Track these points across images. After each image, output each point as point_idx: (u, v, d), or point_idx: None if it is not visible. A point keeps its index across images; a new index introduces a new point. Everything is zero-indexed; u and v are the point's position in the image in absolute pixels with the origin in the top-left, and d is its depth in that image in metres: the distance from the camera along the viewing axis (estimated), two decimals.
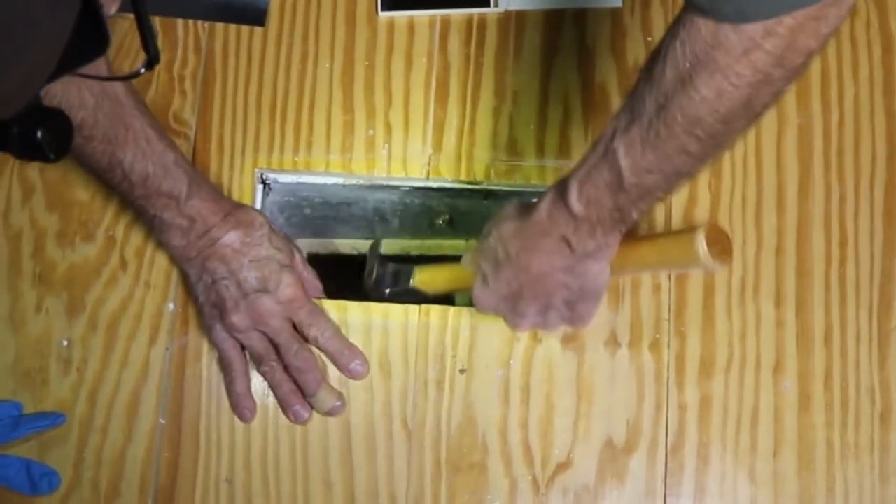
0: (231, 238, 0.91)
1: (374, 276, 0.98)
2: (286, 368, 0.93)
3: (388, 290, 0.98)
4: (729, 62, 0.62)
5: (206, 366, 0.96)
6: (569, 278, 0.82)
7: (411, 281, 0.96)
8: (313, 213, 1.12)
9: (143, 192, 0.89)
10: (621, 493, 0.92)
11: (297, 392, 0.93)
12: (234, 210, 0.93)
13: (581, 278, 0.82)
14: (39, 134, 0.51)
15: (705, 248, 0.76)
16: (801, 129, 0.99)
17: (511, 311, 0.87)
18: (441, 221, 1.13)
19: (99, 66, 0.63)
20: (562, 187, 0.77)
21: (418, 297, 0.97)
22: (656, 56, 0.67)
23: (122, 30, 0.96)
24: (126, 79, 0.59)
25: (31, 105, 0.48)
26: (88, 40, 0.46)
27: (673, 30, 0.65)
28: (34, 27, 0.42)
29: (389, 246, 1.21)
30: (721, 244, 0.79)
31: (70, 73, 0.47)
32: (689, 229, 0.81)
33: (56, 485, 0.93)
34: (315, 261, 1.02)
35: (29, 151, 0.52)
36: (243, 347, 0.93)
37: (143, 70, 0.55)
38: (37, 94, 0.48)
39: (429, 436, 0.93)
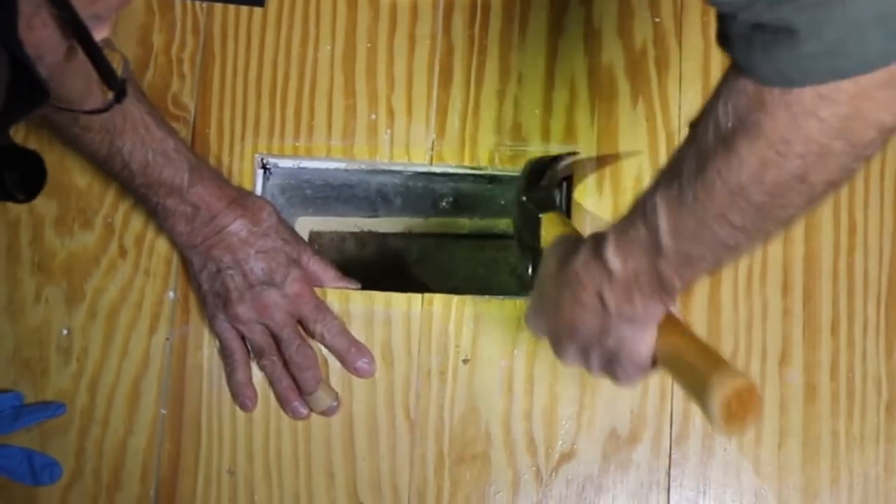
0: (238, 226, 0.90)
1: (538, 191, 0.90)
2: (286, 364, 0.92)
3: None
4: (775, 127, 0.54)
5: (207, 355, 0.95)
6: (604, 338, 0.73)
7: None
8: (314, 194, 1.10)
9: (145, 181, 0.88)
10: (625, 483, 0.92)
11: (297, 388, 0.92)
12: (239, 197, 0.92)
13: (617, 342, 0.72)
14: (6, 176, 0.50)
15: (717, 407, 0.63)
16: None
17: (553, 344, 0.79)
18: (444, 203, 1.12)
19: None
20: (599, 238, 0.70)
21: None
22: (704, 109, 0.60)
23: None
24: (96, 112, 0.57)
25: None
26: (28, 92, 0.45)
27: (721, 82, 0.58)
28: None
29: (392, 224, 1.20)
30: (743, 401, 0.63)
31: (18, 122, 0.46)
32: (709, 367, 0.66)
33: (58, 475, 0.93)
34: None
35: None
36: (244, 338, 0.92)
37: (112, 102, 0.53)
38: (5, 135, 0.47)
39: (432, 426, 0.93)
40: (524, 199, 0.90)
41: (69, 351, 0.95)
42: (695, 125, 0.61)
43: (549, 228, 0.85)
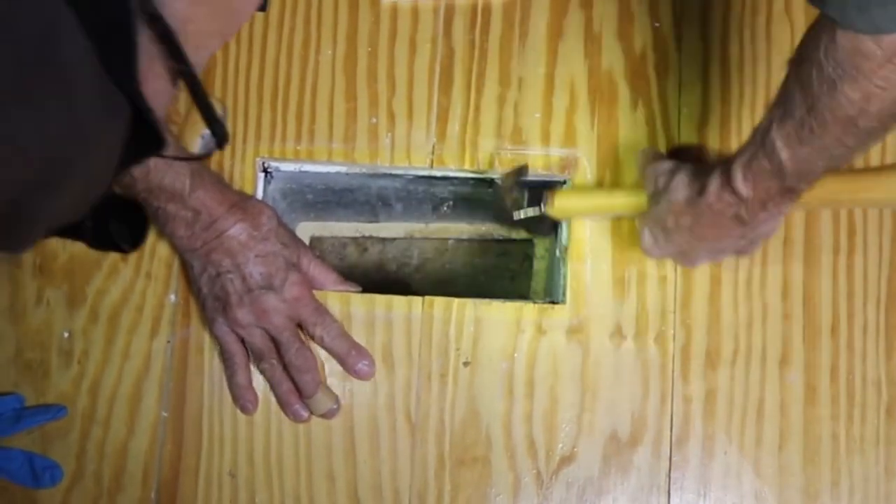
0: (237, 230, 0.90)
1: (511, 197, 0.96)
2: (286, 367, 0.92)
3: (519, 214, 0.96)
4: (873, 68, 0.63)
5: (208, 358, 0.95)
6: (743, 237, 0.84)
7: (543, 207, 0.94)
8: (315, 199, 1.11)
9: (146, 186, 0.88)
10: (626, 486, 0.92)
11: (297, 391, 0.92)
12: (239, 201, 0.92)
13: (754, 232, 0.83)
14: (112, 226, 0.51)
15: None
16: None
17: (683, 259, 0.90)
18: (445, 208, 1.12)
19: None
20: (727, 172, 0.79)
21: (545, 225, 0.97)
22: (802, 54, 0.69)
23: None
24: (197, 159, 0.58)
25: (103, 198, 0.47)
26: (146, 140, 0.45)
27: (815, 33, 0.66)
28: (86, 143, 0.41)
29: (393, 229, 1.20)
30: None
31: (131, 168, 0.46)
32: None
33: (58, 478, 0.93)
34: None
35: (103, 243, 0.51)
36: (244, 342, 0.93)
37: (215, 149, 0.53)
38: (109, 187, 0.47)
39: (432, 429, 0.93)
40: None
41: (70, 353, 0.95)
42: (797, 66, 0.70)
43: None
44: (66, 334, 0.95)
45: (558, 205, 0.93)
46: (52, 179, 0.41)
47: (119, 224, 0.52)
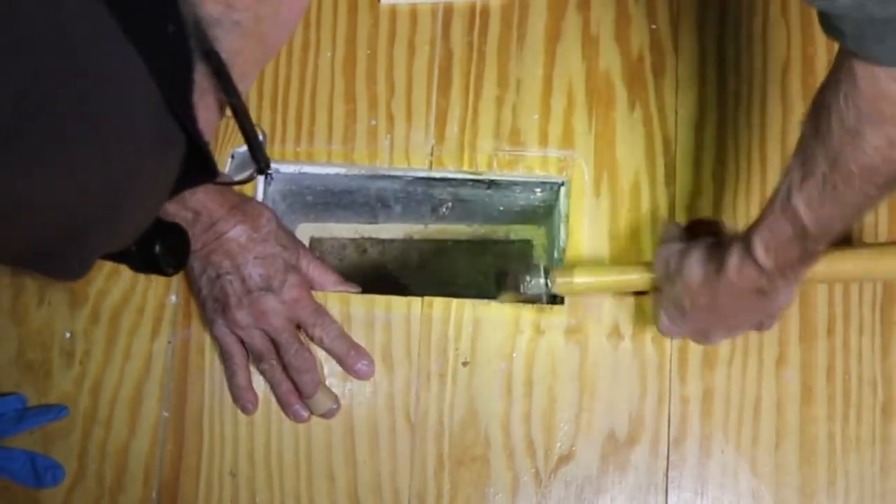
0: (237, 232, 0.90)
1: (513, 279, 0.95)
2: (285, 368, 0.93)
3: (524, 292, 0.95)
4: (895, 112, 0.62)
5: (209, 359, 0.95)
6: (762, 310, 0.84)
7: (550, 285, 0.93)
8: (315, 200, 1.11)
9: None
10: (623, 485, 0.93)
11: (297, 392, 0.93)
12: (239, 203, 0.92)
13: (773, 304, 0.83)
14: (157, 249, 0.52)
15: None
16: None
17: (700, 338, 0.89)
18: (444, 209, 1.13)
19: None
20: (746, 245, 0.77)
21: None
22: (820, 107, 0.67)
23: None
24: (238, 184, 0.60)
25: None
26: (197, 172, 0.46)
27: (833, 78, 0.65)
28: (145, 177, 0.43)
29: (392, 230, 1.21)
30: None
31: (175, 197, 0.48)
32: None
33: (60, 478, 0.93)
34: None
35: (147, 267, 0.53)
36: (244, 342, 0.93)
37: (255, 175, 0.55)
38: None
39: (431, 429, 0.94)
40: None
41: (72, 354, 0.96)
42: (813, 123, 0.68)
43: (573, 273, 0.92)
44: (67, 335, 0.96)
45: (562, 286, 0.92)
46: (111, 214, 0.42)
47: (163, 247, 0.53)
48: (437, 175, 1.01)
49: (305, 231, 1.19)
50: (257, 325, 0.91)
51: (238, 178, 0.58)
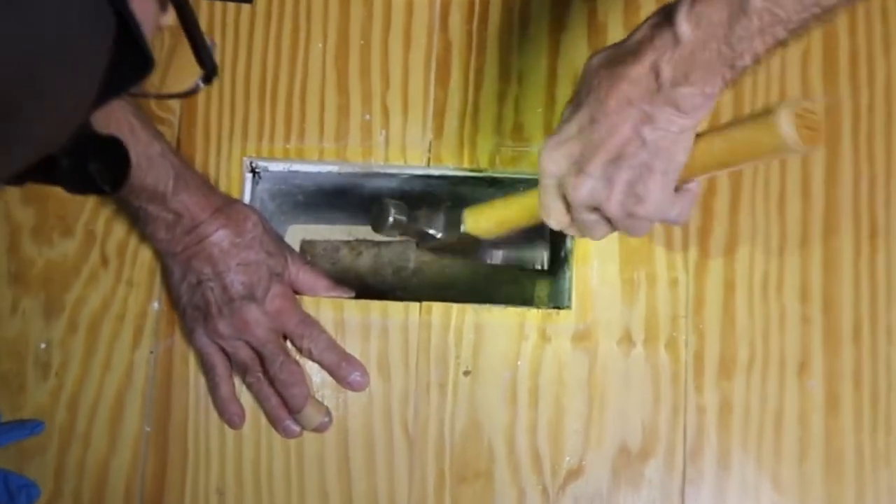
0: (219, 237, 0.86)
1: (419, 222, 0.90)
2: (272, 381, 0.88)
3: (439, 236, 0.90)
4: None
5: (194, 369, 0.91)
6: (645, 127, 0.69)
7: (462, 226, 0.88)
8: (306, 200, 1.07)
9: (127, 185, 0.84)
10: (637, 502, 0.88)
11: (286, 406, 0.89)
12: (224, 206, 0.88)
13: (658, 132, 0.69)
14: (91, 166, 0.49)
15: (791, 125, 0.67)
16: (828, 111, 0.94)
17: (574, 168, 0.73)
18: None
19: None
20: (669, 6, 0.67)
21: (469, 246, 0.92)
22: None
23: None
24: (182, 96, 0.56)
25: (80, 135, 0.44)
26: (130, 63, 0.43)
27: None
28: (71, 53, 0.40)
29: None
30: (808, 122, 0.68)
31: (115, 98, 0.44)
32: (767, 110, 0.69)
33: (35, 497, 0.89)
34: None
35: (81, 185, 0.50)
36: (227, 353, 0.89)
37: (201, 85, 0.51)
38: (86, 123, 0.45)
39: (431, 443, 0.89)
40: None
41: (48, 365, 0.91)
42: None
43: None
44: (43, 345, 0.92)
45: (472, 224, 0.88)
46: (34, 84, 0.38)
47: (99, 164, 0.50)
48: (436, 172, 0.96)
49: (296, 233, 1.15)
50: (239, 335, 0.87)
51: (182, 90, 0.55)
